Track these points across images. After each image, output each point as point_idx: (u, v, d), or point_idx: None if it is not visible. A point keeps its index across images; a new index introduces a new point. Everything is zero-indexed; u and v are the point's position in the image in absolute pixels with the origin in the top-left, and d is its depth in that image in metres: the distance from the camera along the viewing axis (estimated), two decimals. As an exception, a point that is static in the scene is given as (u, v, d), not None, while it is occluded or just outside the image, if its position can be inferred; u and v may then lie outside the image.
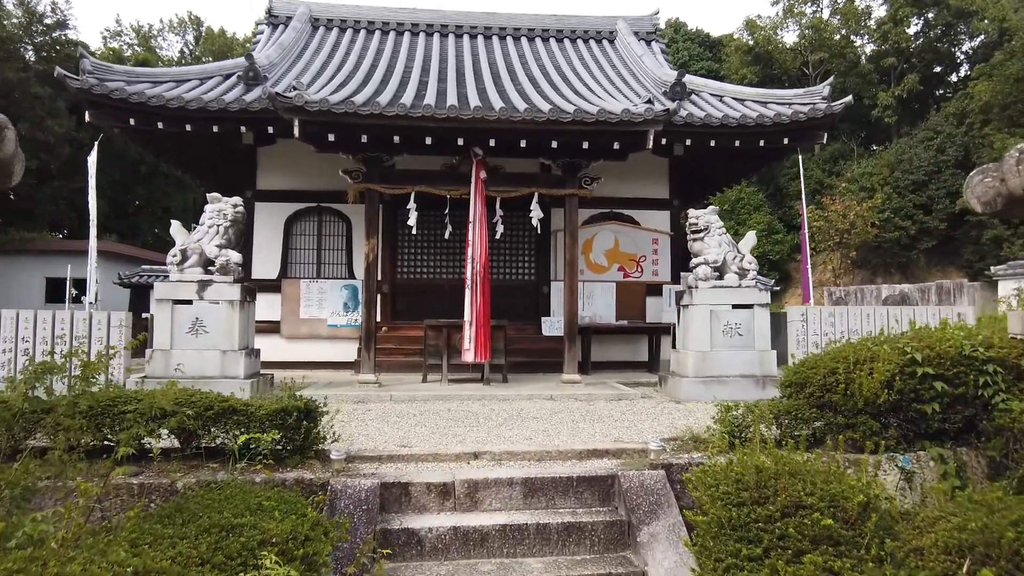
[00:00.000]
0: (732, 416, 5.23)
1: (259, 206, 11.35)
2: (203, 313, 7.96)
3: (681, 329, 9.04)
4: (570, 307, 9.14)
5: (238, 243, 8.33)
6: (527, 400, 8.16)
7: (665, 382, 9.04)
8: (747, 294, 8.74)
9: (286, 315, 11.11)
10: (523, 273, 11.89)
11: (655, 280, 11.87)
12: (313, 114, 7.96)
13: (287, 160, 11.40)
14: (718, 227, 8.94)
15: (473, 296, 8.62)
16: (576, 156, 9.12)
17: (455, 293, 11.42)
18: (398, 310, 11.43)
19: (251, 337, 8.47)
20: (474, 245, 8.71)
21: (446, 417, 6.92)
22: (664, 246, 11.96)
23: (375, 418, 6.84)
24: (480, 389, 8.68)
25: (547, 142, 8.58)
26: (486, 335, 8.62)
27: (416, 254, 11.68)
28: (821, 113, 10.52)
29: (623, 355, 11.71)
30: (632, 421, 6.76)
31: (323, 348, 11.16)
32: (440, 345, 9.15)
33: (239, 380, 7.83)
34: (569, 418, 6.90)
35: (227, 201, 8.22)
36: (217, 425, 4.74)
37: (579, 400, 8.23)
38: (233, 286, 7.99)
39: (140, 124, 9.81)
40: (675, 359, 9.04)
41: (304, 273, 11.43)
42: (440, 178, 9.08)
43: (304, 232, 11.52)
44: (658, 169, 12.16)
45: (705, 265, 8.74)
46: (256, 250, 11.28)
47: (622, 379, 10.27)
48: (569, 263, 9.18)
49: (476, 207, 8.76)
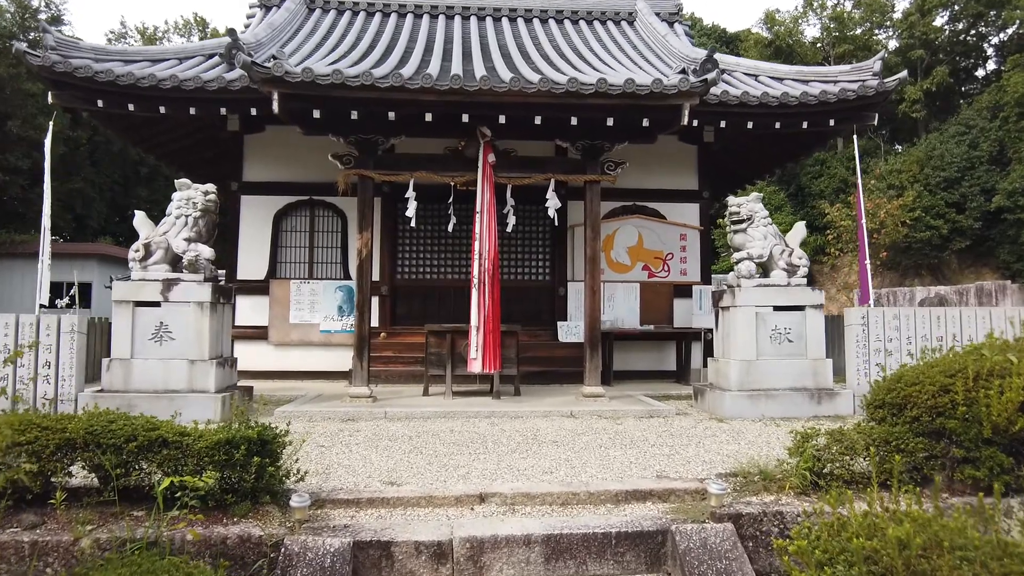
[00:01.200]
0: (813, 447, 4.05)
1: (246, 199, 10.31)
2: (168, 317, 6.89)
3: (720, 335, 7.85)
4: (591, 310, 7.99)
5: (211, 236, 7.25)
6: (543, 418, 7.01)
7: (702, 396, 7.85)
8: (797, 294, 7.55)
9: (274, 319, 10.04)
10: (536, 273, 10.75)
11: (683, 280, 10.68)
12: (295, 86, 6.88)
13: (276, 149, 10.35)
14: (763, 217, 7.77)
15: (481, 297, 7.49)
16: (598, 137, 7.98)
17: (460, 295, 10.29)
18: (397, 314, 10.32)
19: (225, 344, 7.38)
20: (482, 239, 7.59)
21: (448, 440, 5.77)
22: (693, 242, 10.77)
23: (363, 442, 5.71)
24: (489, 404, 7.54)
25: (565, 119, 7.44)
26: (495, 342, 7.48)
27: (417, 252, 10.58)
28: (872, 90, 9.32)
29: (648, 364, 10.52)
30: (673, 447, 5.58)
31: (315, 356, 10.08)
32: (444, 353, 8.02)
33: (208, 395, 6.74)
34: (595, 442, 5.74)
35: (197, 188, 7.15)
36: (144, 460, 3.63)
37: (604, 418, 7.07)
38: (203, 285, 6.91)
39: (110, 106, 8.78)
40: (714, 369, 7.85)
41: (295, 273, 10.35)
42: (443, 163, 7.97)
43: (295, 228, 10.45)
44: (686, 158, 11.00)
45: (749, 261, 7.56)
46: (242, 248, 10.23)
47: (649, 391, 9.09)
48: (590, 260, 8.03)
49: (484, 195, 7.64)
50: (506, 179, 7.91)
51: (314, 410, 7.02)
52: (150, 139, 10.60)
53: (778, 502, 3.88)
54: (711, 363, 7.98)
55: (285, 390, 8.99)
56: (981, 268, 27.53)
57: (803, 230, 7.99)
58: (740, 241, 7.73)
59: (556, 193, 8.01)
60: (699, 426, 6.63)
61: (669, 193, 10.86)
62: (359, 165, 7.80)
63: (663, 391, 9.20)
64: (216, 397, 6.69)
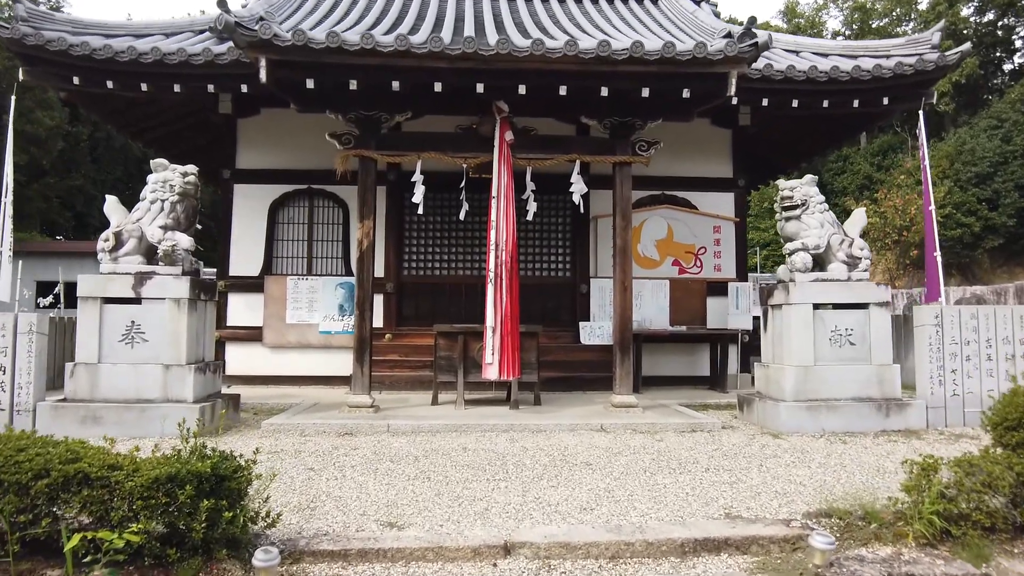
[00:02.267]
0: (939, 483, 3.10)
1: (239, 189, 9.46)
2: (141, 315, 6.02)
3: (770, 337, 6.89)
4: (622, 309, 7.05)
5: (190, 224, 6.39)
6: (570, 432, 6.08)
7: (749, 406, 6.89)
8: (860, 289, 6.59)
9: (270, 319, 9.17)
10: (555, 269, 9.82)
11: (717, 277, 9.72)
12: (285, 51, 6.01)
13: (272, 133, 9.50)
14: (819, 202, 6.81)
15: (497, 294, 6.57)
16: (629, 114, 7.05)
17: (473, 293, 9.40)
18: (403, 314, 9.43)
19: (207, 347, 6.51)
20: (498, 227, 6.67)
21: (461, 462, 4.85)
22: (727, 235, 9.81)
23: (360, 463, 4.80)
24: (506, 415, 6.63)
25: (593, 91, 6.52)
26: (514, 345, 6.56)
27: (425, 246, 9.68)
28: (931, 65, 8.34)
29: (679, 369, 9.56)
30: (732, 472, 4.64)
31: (314, 359, 9.20)
32: (455, 357, 7.11)
33: (186, 405, 5.87)
34: (637, 465, 4.80)
35: (175, 169, 6.29)
36: (59, 503, 2.74)
37: (640, 433, 6.13)
38: (181, 280, 6.04)
39: (87, 84, 7.96)
40: (763, 376, 6.89)
41: (292, 269, 9.48)
42: (454, 143, 7.07)
43: (292, 220, 9.58)
44: (719, 143, 10.04)
45: (804, 252, 6.60)
46: (235, 241, 9.37)
47: (682, 399, 8.14)
48: (620, 252, 7.10)
49: (501, 178, 6.73)
50: (525, 160, 7.00)
51: (307, 422, 6.13)
52: (136, 124, 9.78)
53: (900, 558, 2.93)
54: (759, 369, 7.02)
55: (279, 397, 8.12)
56: (1014, 267, 26.31)
57: (863, 217, 7.01)
58: (793, 230, 6.78)
59: (581, 177, 7.07)
60: (753, 443, 5.67)
61: (701, 181, 9.91)
62: (360, 145, 6.91)
63: (699, 399, 8.24)
64: (194, 408, 5.81)
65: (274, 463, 4.76)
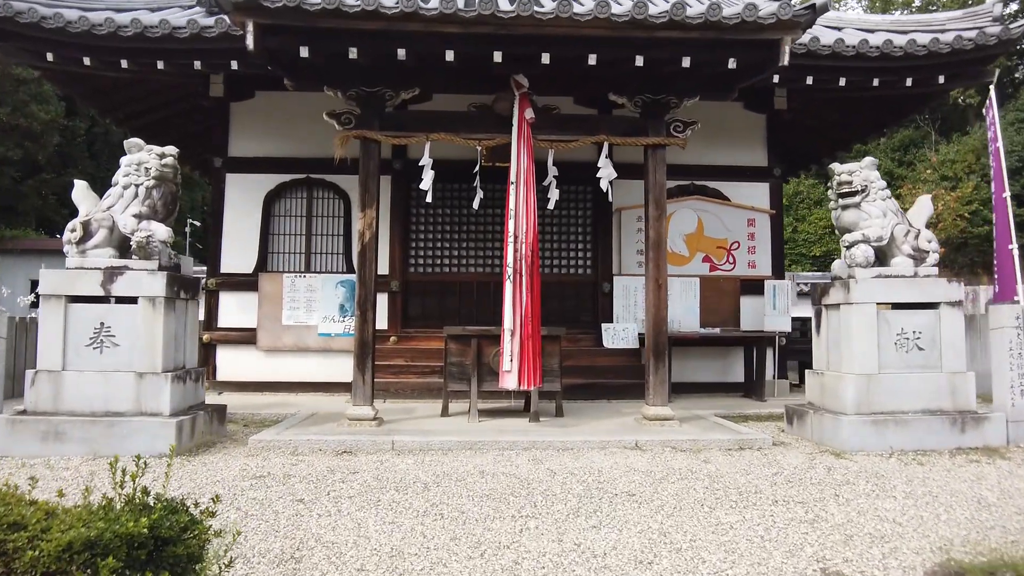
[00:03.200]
0: None
1: (231, 179, 8.72)
2: (112, 316, 5.28)
3: (824, 341, 6.09)
4: (656, 309, 6.26)
5: (169, 213, 5.65)
6: (601, 451, 5.30)
7: (800, 419, 6.09)
8: (929, 287, 5.79)
9: (264, 320, 8.42)
10: (574, 266, 9.04)
11: (752, 275, 8.92)
12: (275, 14, 5.24)
13: (268, 118, 8.75)
14: (880, 188, 6.01)
15: (516, 292, 5.80)
16: (662, 90, 6.27)
17: (486, 292, 8.65)
18: (410, 315, 8.66)
19: (189, 352, 5.76)
20: (517, 217, 5.90)
21: (478, 491, 4.08)
22: (763, 229, 9.01)
23: (359, 493, 4.03)
24: (526, 429, 5.86)
25: (626, 61, 5.74)
26: (535, 349, 5.79)
27: (435, 241, 8.91)
28: (994, 39, 7.53)
29: (710, 374, 8.76)
30: (805, 503, 3.85)
31: (313, 364, 8.45)
32: (467, 364, 6.34)
33: (161, 419, 5.12)
34: (689, 495, 4.02)
35: (151, 150, 5.55)
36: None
37: (681, 451, 5.35)
38: (156, 275, 5.29)
39: (62, 61, 7.25)
40: (817, 385, 6.09)
41: (289, 265, 8.74)
42: (467, 122, 6.30)
43: (289, 212, 8.83)
44: (752, 128, 9.24)
45: (865, 245, 5.80)
46: (227, 235, 8.63)
47: (717, 409, 7.38)
48: (653, 245, 6.31)
49: (520, 161, 5.96)
50: (547, 142, 6.22)
51: (300, 439, 5.38)
52: (121, 108, 9.05)
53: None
54: (812, 378, 6.22)
55: (273, 406, 7.38)
56: (1043, 266, 25.28)
57: (929, 205, 6.23)
58: (851, 219, 5.97)
59: (609, 160, 6.29)
60: (816, 465, 4.88)
61: (733, 170, 9.10)
62: (361, 125, 6.15)
63: (735, 409, 7.46)
64: (170, 422, 5.06)
65: (257, 492, 4.00)
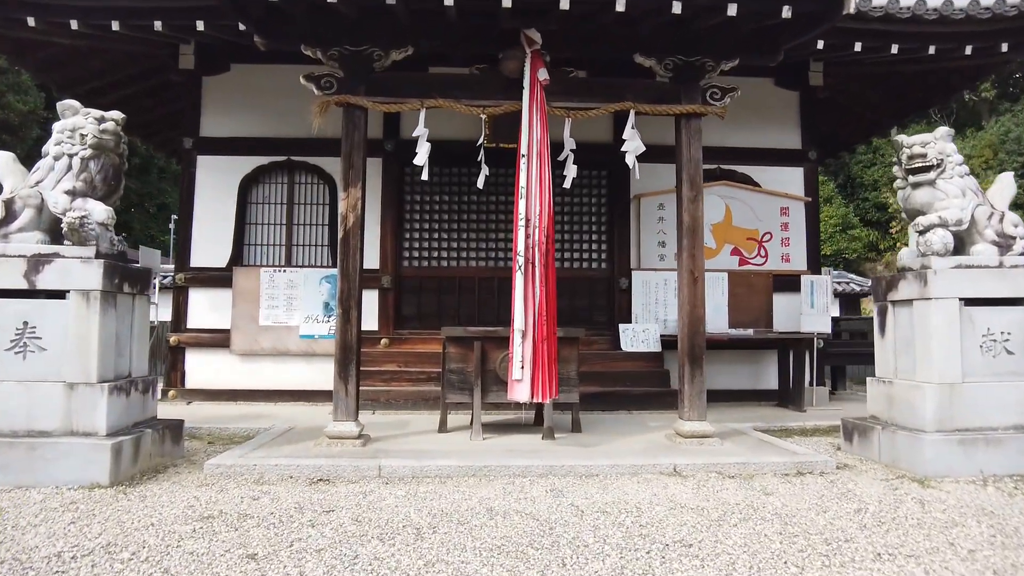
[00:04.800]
0: None
1: (203, 161, 7.77)
2: (37, 314, 4.33)
3: (891, 343, 5.17)
4: (691, 306, 5.34)
5: (111, 190, 4.71)
6: (633, 478, 4.37)
7: (864, 436, 5.15)
8: (1019, 279, 4.86)
9: (239, 320, 7.47)
10: (587, 259, 8.10)
11: (786, 269, 8.00)
12: (236, -55, 4.32)
13: (244, 94, 7.82)
14: (957, 163, 5.09)
15: (529, 286, 4.86)
16: (697, 50, 5.35)
17: (489, 289, 7.73)
18: (403, 314, 7.72)
19: (137, 357, 4.80)
20: (529, 197, 4.96)
21: (487, 540, 3.14)
22: (797, 218, 8.09)
23: (331, 544, 3.09)
24: (540, 449, 4.92)
25: (659, 12, 4.83)
26: (550, 355, 4.84)
27: (431, 230, 7.97)
28: (1066, 1, 6.61)
29: (740, 380, 7.84)
30: (917, 558, 2.92)
31: (293, 370, 7.50)
32: (469, 371, 5.40)
33: (96, 439, 4.16)
34: (761, 545, 3.08)
35: (88, 113, 4.61)
36: None
37: (729, 477, 4.41)
38: (91, 264, 4.34)
39: (5, 26, 6.32)
40: (884, 396, 5.16)
41: (267, 259, 7.79)
42: (468, 86, 5.37)
43: (268, 199, 7.89)
44: (784, 107, 8.33)
45: (943, 229, 4.88)
46: (198, 225, 7.68)
47: (752, 419, 6.51)
48: (688, 231, 5.38)
49: (533, 130, 5.02)
50: (563, 110, 5.29)
51: (268, 463, 4.43)
52: (80, 83, 8.08)
53: None
54: (875, 387, 5.29)
55: (247, 418, 6.44)
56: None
57: (1012, 184, 5.29)
58: (924, 199, 5.05)
59: (636, 132, 5.35)
60: (904, 499, 3.94)
61: (763, 153, 8.19)
62: (344, 89, 5.21)
63: (774, 421, 6.55)
64: (105, 444, 4.11)
65: (198, 543, 3.06)
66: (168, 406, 7.18)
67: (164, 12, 6.12)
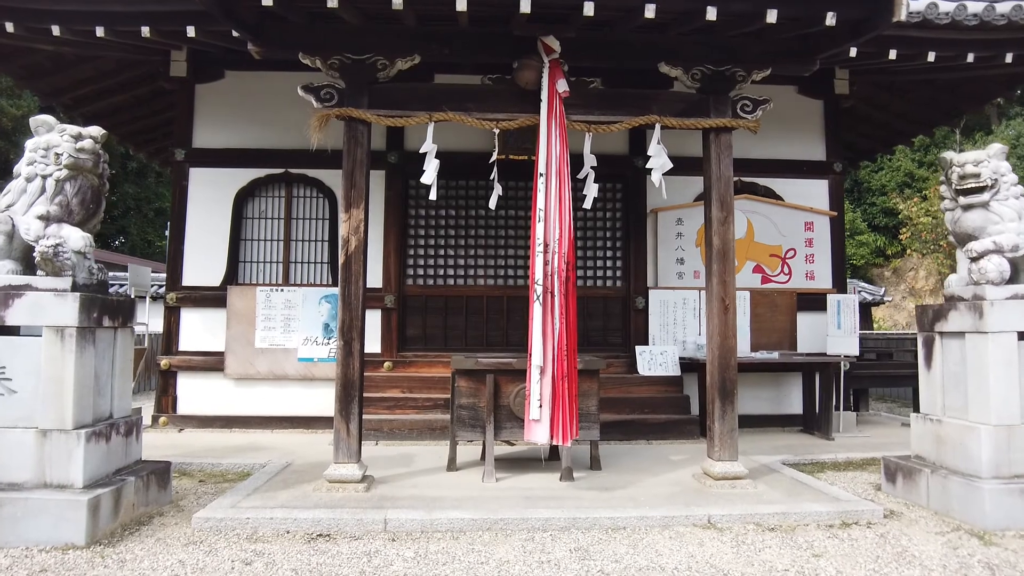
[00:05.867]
0: None
1: (196, 174, 7.36)
2: (7, 353, 3.92)
3: (939, 378, 4.76)
4: (722, 336, 4.94)
5: (90, 214, 4.30)
6: (663, 531, 3.96)
7: (911, 480, 4.75)
8: (1081, 311, 4.45)
9: (234, 343, 7.07)
10: (602, 276, 7.69)
11: (810, 287, 7.60)
12: (227, -55, 3.92)
13: (240, 103, 7.42)
14: (1013, 183, 4.70)
15: (547, 318, 4.45)
16: (727, 59, 4.96)
17: (499, 309, 7.33)
18: (408, 335, 7.31)
19: (116, 397, 4.39)
20: (548, 220, 4.56)
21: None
22: (822, 234, 7.69)
23: (332, 635, 2.68)
24: (559, 495, 4.51)
25: (691, 17, 4.44)
26: (571, 392, 4.44)
27: (437, 247, 7.56)
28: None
29: (761, 405, 7.43)
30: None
31: (291, 395, 7.10)
32: (481, 407, 4.99)
33: (71, 493, 3.76)
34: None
35: (64, 130, 4.20)
36: None
37: (768, 529, 4.01)
38: (66, 298, 3.93)
39: (-19, 30, 5.91)
40: (930, 436, 4.75)
41: (263, 277, 7.39)
42: (480, 98, 4.96)
43: (264, 214, 7.48)
44: (808, 117, 7.93)
45: (998, 255, 4.48)
46: (190, 242, 7.28)
47: (779, 450, 6.15)
48: (717, 255, 4.99)
49: (552, 146, 4.62)
50: (584, 123, 4.88)
51: (263, 515, 4.02)
52: (68, 90, 7.69)
53: None
54: (921, 425, 4.88)
55: (242, 451, 6.04)
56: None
57: (1070, 204, 4.88)
58: (976, 223, 4.65)
59: (663, 147, 4.95)
60: (970, 562, 3.54)
61: (786, 165, 7.79)
62: (346, 102, 4.81)
63: (801, 451, 6.15)
64: (81, 500, 3.69)
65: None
66: (158, 434, 6.78)
67: (151, 17, 5.70)
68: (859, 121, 8.78)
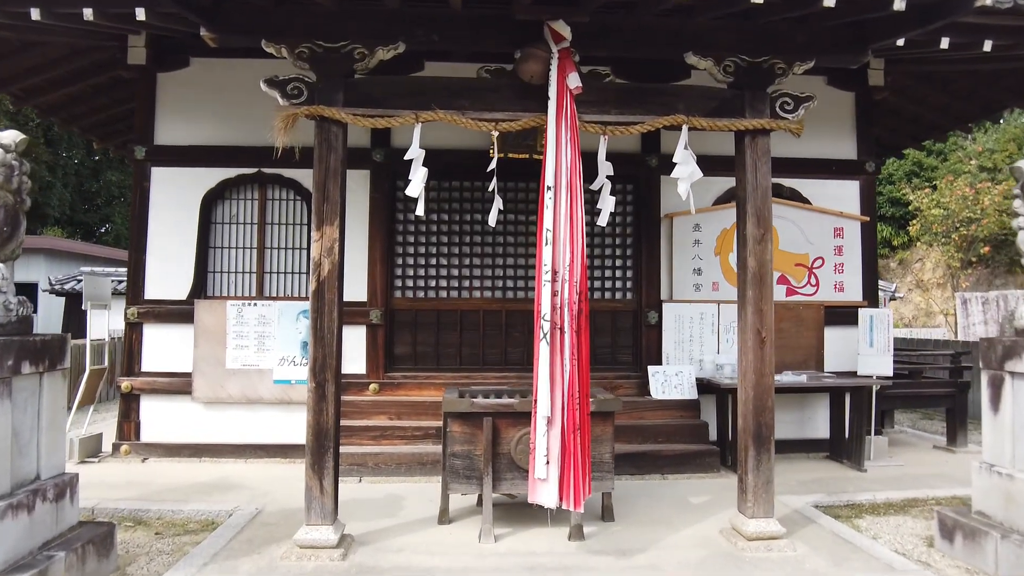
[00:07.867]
0: None
1: (158, 174, 6.60)
2: (-102, 410, 3.21)
3: (1007, 423, 4.09)
4: (757, 373, 4.27)
5: (4, 239, 3.56)
6: (697, 622, 3.31)
7: (974, 542, 4.10)
8: None
9: (202, 363, 6.36)
10: (610, 288, 6.99)
11: (839, 300, 6.93)
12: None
13: (207, 94, 6.64)
14: (1100, 197, 4.00)
15: (556, 359, 3.76)
16: (765, 48, 4.23)
17: (496, 324, 6.64)
18: (395, 354, 6.62)
19: (45, 455, 3.68)
20: (556, 242, 3.84)
21: None
22: (852, 240, 7.00)
23: None
24: (567, 565, 3.85)
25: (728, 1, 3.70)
26: (583, 446, 3.77)
27: (427, 255, 6.83)
28: None
29: (785, 429, 6.72)
30: None
31: (266, 420, 6.41)
32: (477, 454, 4.31)
33: (-25, 585, 3.07)
34: None
35: (-31, 135, 3.45)
36: None
37: (822, 619, 3.36)
38: (-28, 343, 3.21)
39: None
40: (997, 491, 4.09)
41: (235, 289, 6.66)
42: (476, 93, 4.22)
43: (236, 219, 6.73)
44: (838, 110, 7.19)
45: (1088, 284, 3.78)
46: (152, 250, 6.53)
47: (806, 484, 5.59)
48: (753, 279, 4.28)
49: (562, 153, 3.89)
50: (599, 124, 4.15)
51: (215, 601, 3.35)
52: (15, 80, 6.86)
53: None
54: (987, 478, 4.22)
55: (209, 489, 5.37)
56: (1086, 265, 23.56)
57: None
58: (1057, 243, 3.97)
59: (691, 153, 4.23)
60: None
61: (813, 164, 7.07)
62: (317, 98, 4.07)
63: (833, 487, 5.54)
64: (-13, 593, 3.01)
65: None
66: (119, 465, 6.11)
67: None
68: (887, 114, 8.04)
